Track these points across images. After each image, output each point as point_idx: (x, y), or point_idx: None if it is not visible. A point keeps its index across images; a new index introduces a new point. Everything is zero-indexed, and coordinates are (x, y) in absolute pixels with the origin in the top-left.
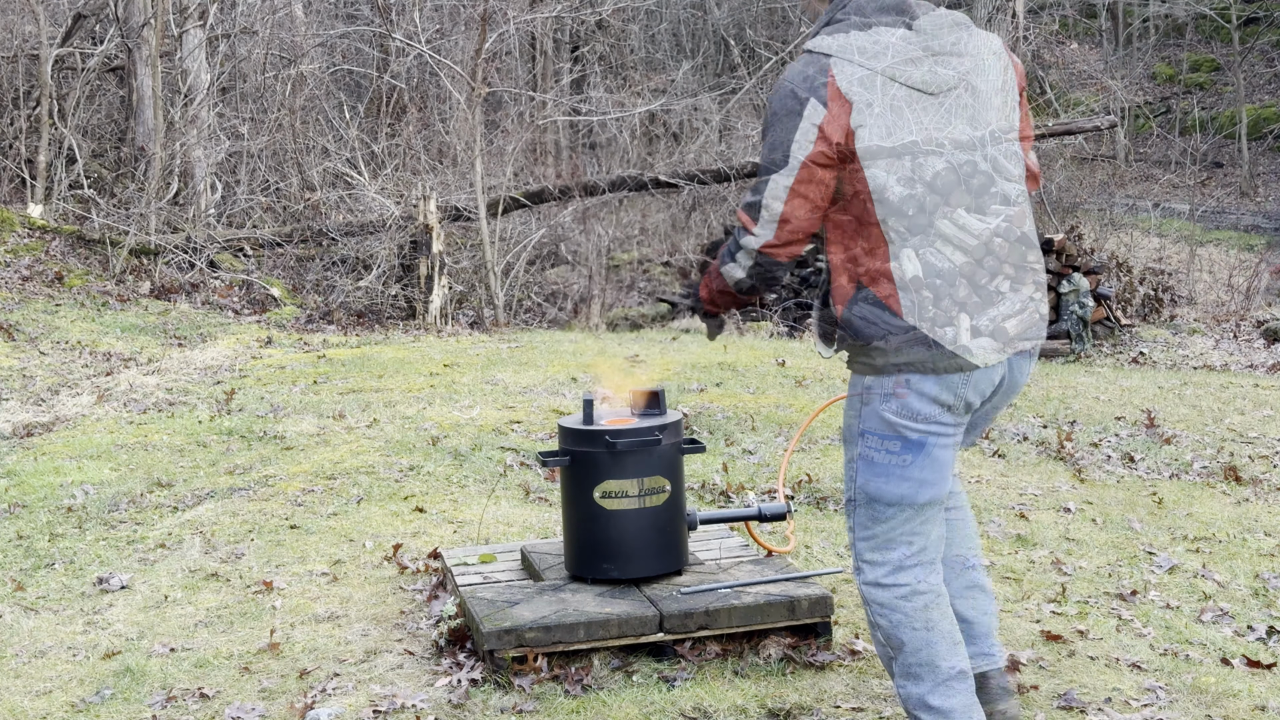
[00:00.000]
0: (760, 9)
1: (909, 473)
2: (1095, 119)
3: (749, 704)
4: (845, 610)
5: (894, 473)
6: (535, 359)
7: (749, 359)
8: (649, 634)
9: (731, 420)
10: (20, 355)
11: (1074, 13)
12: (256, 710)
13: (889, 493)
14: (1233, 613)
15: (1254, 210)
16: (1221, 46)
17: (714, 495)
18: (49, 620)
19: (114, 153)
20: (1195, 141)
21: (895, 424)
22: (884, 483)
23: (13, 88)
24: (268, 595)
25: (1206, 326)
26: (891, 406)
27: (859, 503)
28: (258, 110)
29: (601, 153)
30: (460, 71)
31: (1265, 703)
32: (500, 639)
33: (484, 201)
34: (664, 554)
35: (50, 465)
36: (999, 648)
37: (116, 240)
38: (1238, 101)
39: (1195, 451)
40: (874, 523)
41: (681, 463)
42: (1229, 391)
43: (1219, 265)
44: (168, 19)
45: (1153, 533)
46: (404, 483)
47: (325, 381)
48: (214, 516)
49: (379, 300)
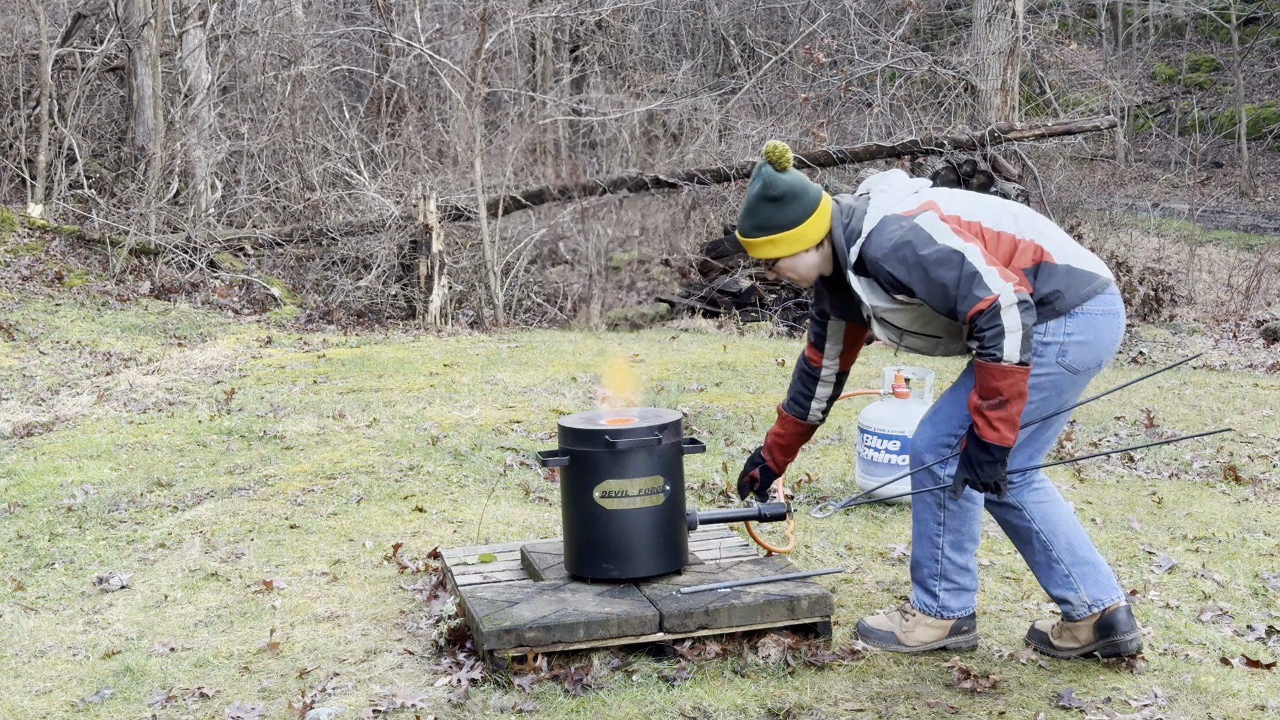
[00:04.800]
0: (760, 9)
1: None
2: (1095, 119)
3: (749, 704)
4: (845, 610)
5: None
6: (535, 359)
7: (749, 359)
8: (649, 634)
9: (731, 420)
10: (20, 355)
11: (1074, 13)
12: (256, 710)
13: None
14: (1232, 612)
15: (1254, 210)
16: (1221, 46)
17: (714, 495)
18: (49, 620)
19: (114, 153)
20: (1195, 141)
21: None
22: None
23: (13, 88)
24: (268, 595)
25: (1206, 326)
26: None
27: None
28: (258, 110)
29: (601, 153)
30: (460, 71)
31: (1265, 702)
32: (500, 639)
33: (484, 201)
34: (664, 554)
35: (50, 465)
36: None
37: (116, 240)
38: (1237, 101)
39: (1195, 451)
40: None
41: (681, 463)
42: (1229, 391)
43: (1218, 265)
44: (168, 19)
45: (1152, 532)
46: (404, 482)
47: (325, 381)
48: (214, 516)
49: (379, 300)
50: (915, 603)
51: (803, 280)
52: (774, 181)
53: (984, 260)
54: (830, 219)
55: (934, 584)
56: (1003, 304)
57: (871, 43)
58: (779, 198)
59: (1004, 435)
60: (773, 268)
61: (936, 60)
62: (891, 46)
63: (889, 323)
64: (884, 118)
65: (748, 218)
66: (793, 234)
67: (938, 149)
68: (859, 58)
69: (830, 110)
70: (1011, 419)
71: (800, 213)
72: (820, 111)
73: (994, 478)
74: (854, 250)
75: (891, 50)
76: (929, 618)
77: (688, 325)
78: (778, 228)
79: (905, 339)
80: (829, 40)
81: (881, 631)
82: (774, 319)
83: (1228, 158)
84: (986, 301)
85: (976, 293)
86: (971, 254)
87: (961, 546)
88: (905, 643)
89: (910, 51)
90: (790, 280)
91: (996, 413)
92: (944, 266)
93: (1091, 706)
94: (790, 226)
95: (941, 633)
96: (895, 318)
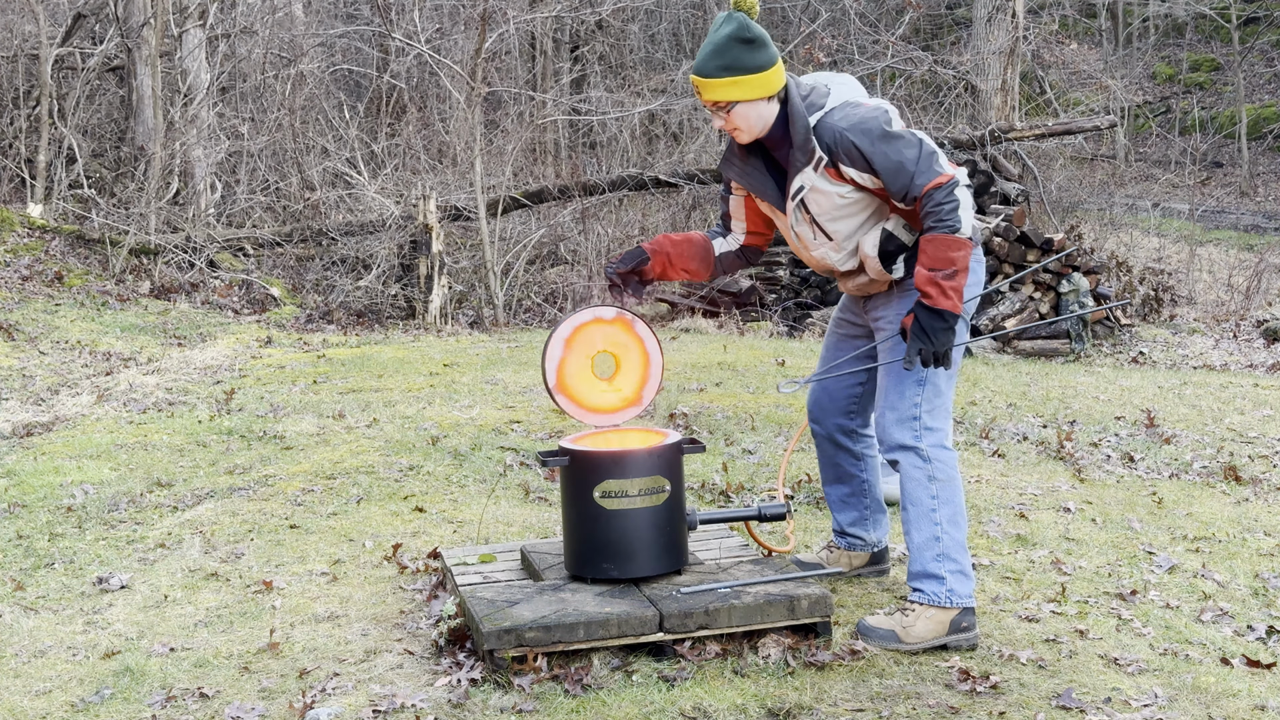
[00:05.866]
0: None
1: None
2: (1095, 119)
3: (749, 704)
4: (845, 610)
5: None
6: (535, 359)
7: (749, 359)
8: (649, 634)
9: (731, 420)
10: (20, 355)
11: (1074, 13)
12: (256, 710)
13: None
14: (1232, 612)
15: (1254, 210)
16: (1221, 46)
17: (714, 495)
18: (49, 620)
19: (114, 153)
20: (1195, 141)
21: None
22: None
23: (13, 88)
24: (267, 595)
25: (1206, 326)
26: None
27: (927, 381)
28: (258, 110)
29: (601, 152)
30: (460, 71)
31: (1265, 702)
32: (500, 639)
33: (484, 201)
34: (664, 554)
35: (50, 465)
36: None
37: (116, 240)
38: (1237, 101)
39: (1195, 451)
40: (937, 395)
41: (681, 463)
42: (1229, 391)
43: (1219, 265)
44: (168, 19)
45: (1152, 532)
46: (404, 482)
47: (325, 381)
48: (214, 516)
49: (379, 300)
50: (917, 596)
51: (750, 132)
52: (749, 24)
53: (937, 146)
54: (787, 81)
55: (938, 565)
56: (959, 181)
57: (871, 42)
58: (752, 40)
59: (955, 303)
60: (729, 113)
61: (936, 60)
62: (891, 46)
63: (808, 209)
64: None
65: (715, 58)
66: (759, 78)
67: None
68: (859, 57)
69: None
70: (960, 289)
71: (768, 59)
72: None
73: (947, 345)
74: (814, 118)
75: (891, 50)
76: (931, 608)
77: (688, 325)
78: (745, 70)
79: (816, 237)
80: (829, 40)
81: (882, 630)
82: (774, 319)
83: (1228, 158)
84: (946, 177)
85: (936, 168)
86: (928, 141)
87: (957, 522)
88: (906, 640)
89: (910, 51)
90: (737, 133)
91: (950, 282)
92: (905, 145)
93: (1091, 706)
94: (758, 70)
95: (942, 628)
96: (818, 201)
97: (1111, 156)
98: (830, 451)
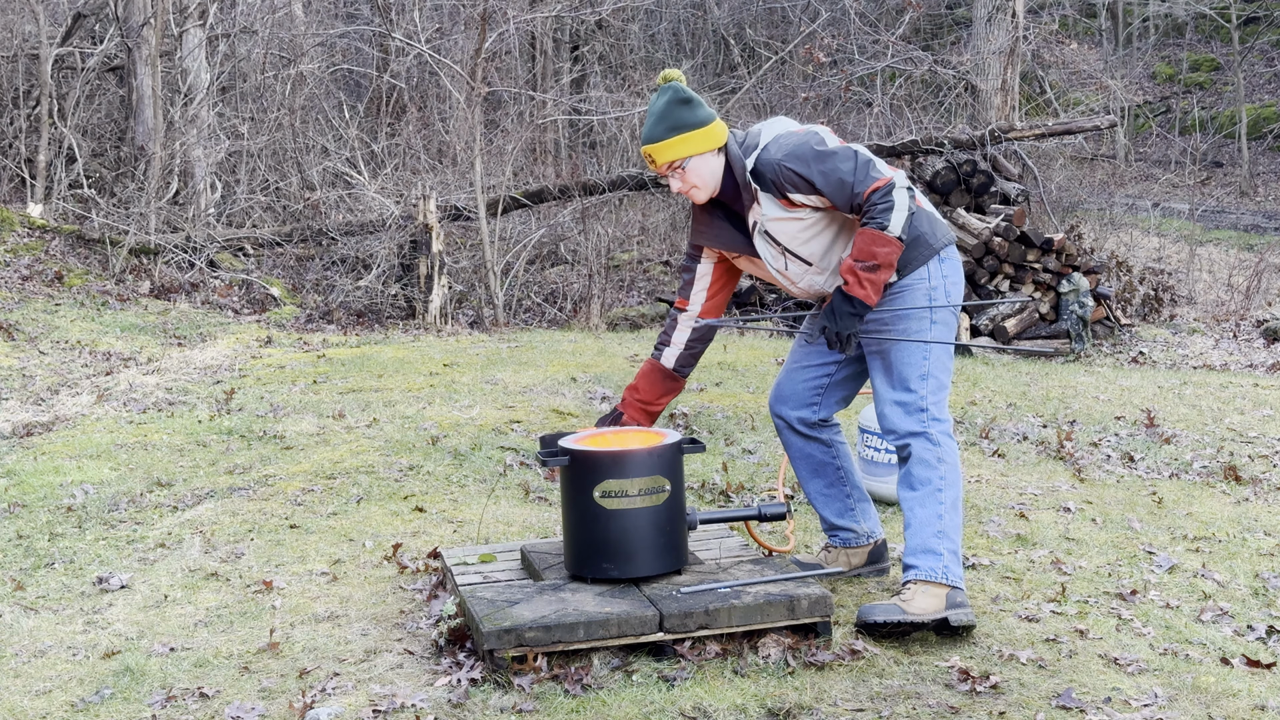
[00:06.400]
0: (760, 8)
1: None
2: (1095, 119)
3: (749, 703)
4: (845, 610)
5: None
6: (535, 359)
7: (749, 359)
8: (649, 634)
9: (731, 420)
10: (20, 355)
11: (1074, 12)
12: (256, 710)
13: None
14: (1232, 612)
15: (1254, 210)
16: (1221, 46)
17: (714, 495)
18: (49, 620)
19: (114, 152)
20: (1195, 141)
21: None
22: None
23: (13, 87)
24: (267, 595)
25: (1206, 326)
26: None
27: (929, 374)
28: (258, 110)
29: (601, 152)
30: (460, 71)
31: (1265, 702)
32: (500, 638)
33: (484, 201)
34: (664, 554)
35: (50, 465)
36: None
37: (116, 240)
38: (1237, 101)
39: (1195, 451)
40: (940, 389)
41: (681, 462)
42: (1229, 391)
43: (1219, 265)
44: (168, 19)
45: (1152, 532)
46: (404, 482)
47: (325, 381)
48: (214, 516)
49: (379, 300)
50: (913, 574)
51: (705, 188)
52: (682, 89)
53: (874, 155)
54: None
55: (938, 541)
56: (896, 184)
57: (871, 42)
58: (689, 100)
59: (869, 295)
60: (684, 171)
61: (936, 60)
62: (891, 46)
63: (773, 238)
64: (884, 117)
65: (660, 122)
66: (703, 132)
67: (938, 148)
68: (859, 57)
69: (830, 110)
70: (878, 284)
71: (707, 115)
72: (820, 111)
73: (849, 330)
74: (751, 159)
75: (891, 50)
76: (927, 584)
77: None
78: (689, 126)
79: (788, 260)
80: (829, 40)
81: (884, 604)
82: (774, 319)
83: (1228, 157)
84: (883, 181)
85: (873, 175)
86: (863, 150)
87: (957, 507)
88: (909, 611)
89: (910, 51)
90: (694, 191)
91: (869, 274)
92: (841, 159)
93: (1091, 706)
94: (701, 125)
95: (940, 602)
96: (781, 229)
97: (1111, 156)
98: (799, 444)
